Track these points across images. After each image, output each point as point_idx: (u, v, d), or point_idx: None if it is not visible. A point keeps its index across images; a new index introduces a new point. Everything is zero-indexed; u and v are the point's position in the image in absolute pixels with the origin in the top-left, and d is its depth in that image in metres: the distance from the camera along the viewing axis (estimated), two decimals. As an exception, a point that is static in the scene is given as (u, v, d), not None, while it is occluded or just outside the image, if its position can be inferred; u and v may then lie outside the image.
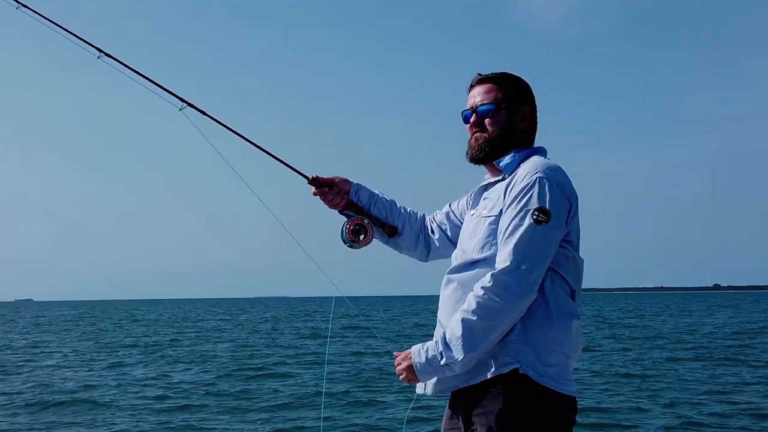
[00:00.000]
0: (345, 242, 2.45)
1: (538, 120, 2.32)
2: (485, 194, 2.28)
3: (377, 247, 2.53)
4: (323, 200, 2.49)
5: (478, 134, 2.26)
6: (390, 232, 2.52)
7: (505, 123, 2.24)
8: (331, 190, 2.47)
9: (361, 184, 2.54)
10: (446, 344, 2.01)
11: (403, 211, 2.56)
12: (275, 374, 14.65)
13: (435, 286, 2.27)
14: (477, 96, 2.27)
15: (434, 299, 2.35)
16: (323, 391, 11.60)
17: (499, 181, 2.23)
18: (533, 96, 2.31)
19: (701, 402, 10.60)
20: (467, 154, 2.30)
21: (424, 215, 2.59)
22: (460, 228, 2.39)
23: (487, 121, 2.24)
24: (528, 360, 2.01)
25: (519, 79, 2.29)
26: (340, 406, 10.63)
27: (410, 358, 2.07)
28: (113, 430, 9.03)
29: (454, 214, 2.50)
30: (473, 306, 1.99)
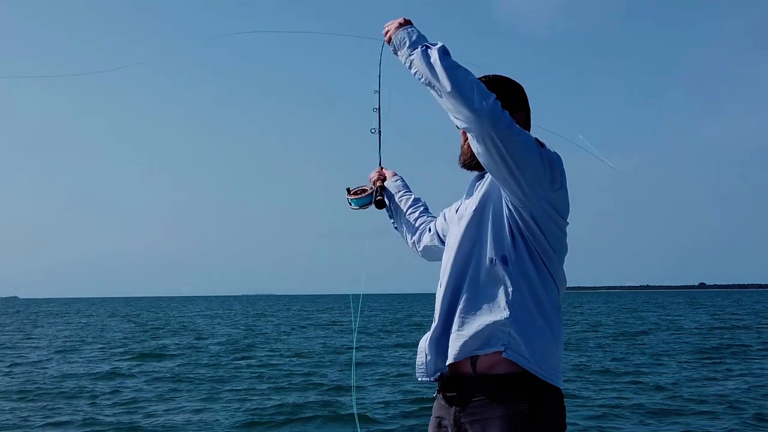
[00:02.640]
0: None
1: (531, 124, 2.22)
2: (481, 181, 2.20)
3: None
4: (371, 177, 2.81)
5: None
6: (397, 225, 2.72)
7: None
8: (378, 174, 2.77)
9: (403, 181, 2.75)
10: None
11: (413, 214, 2.63)
12: (260, 364, 14.74)
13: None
14: None
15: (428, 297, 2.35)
16: (353, 385, 11.72)
17: None
18: (527, 100, 2.21)
19: (683, 392, 10.76)
20: (459, 159, 2.24)
21: (429, 220, 2.58)
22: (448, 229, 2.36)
23: None
24: (516, 346, 1.93)
25: (513, 83, 2.19)
26: (323, 390, 10.76)
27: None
28: (100, 420, 9.04)
29: (445, 218, 2.45)
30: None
